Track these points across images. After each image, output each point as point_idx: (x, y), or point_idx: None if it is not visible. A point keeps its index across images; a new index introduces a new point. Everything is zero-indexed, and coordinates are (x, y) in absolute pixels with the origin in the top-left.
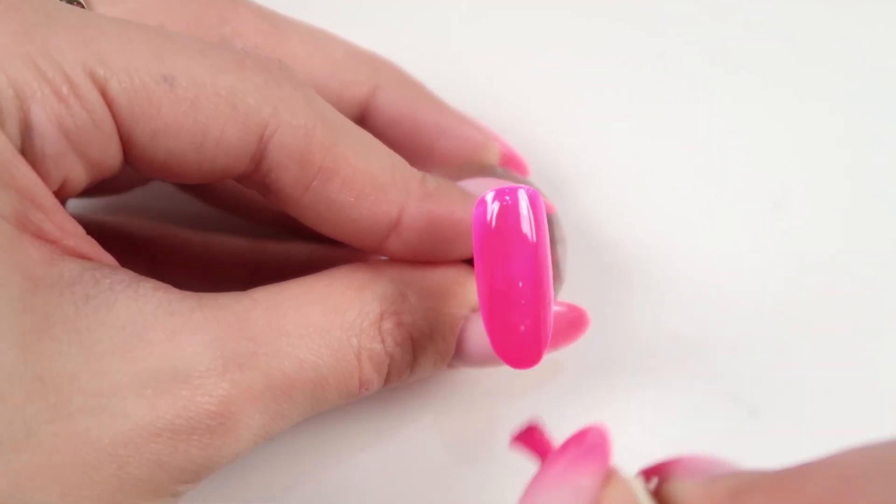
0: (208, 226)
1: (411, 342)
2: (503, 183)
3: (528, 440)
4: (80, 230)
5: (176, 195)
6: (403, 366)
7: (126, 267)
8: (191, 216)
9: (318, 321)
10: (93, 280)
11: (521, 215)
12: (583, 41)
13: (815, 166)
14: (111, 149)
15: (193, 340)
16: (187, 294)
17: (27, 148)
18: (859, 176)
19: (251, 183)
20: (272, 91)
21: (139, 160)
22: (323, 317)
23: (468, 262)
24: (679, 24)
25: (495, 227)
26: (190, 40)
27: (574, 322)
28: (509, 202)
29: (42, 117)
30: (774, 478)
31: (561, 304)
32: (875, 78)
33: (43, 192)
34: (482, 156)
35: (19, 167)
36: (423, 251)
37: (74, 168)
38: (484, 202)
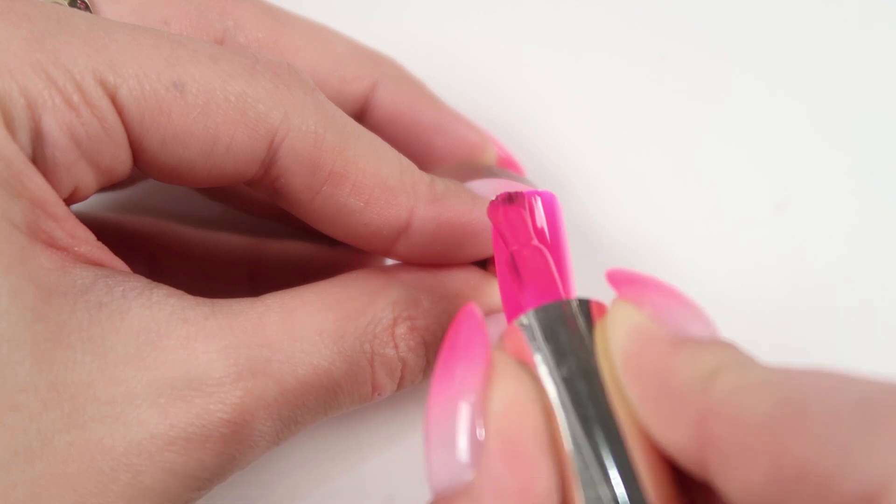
0: (208, 223)
1: (424, 347)
2: (511, 185)
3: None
4: (91, 236)
5: (177, 192)
6: (416, 370)
7: (126, 266)
8: (191, 213)
9: (332, 327)
10: (106, 287)
11: (538, 220)
12: (583, 42)
13: (817, 169)
14: (121, 156)
15: (208, 348)
16: (200, 300)
17: (38, 157)
18: (861, 179)
19: (261, 187)
20: (282, 96)
21: (149, 166)
22: (336, 323)
23: (480, 265)
24: (680, 26)
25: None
26: (200, 45)
27: None
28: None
29: (53, 126)
30: (730, 382)
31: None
32: (877, 81)
33: (54, 201)
34: (479, 156)
35: (31, 176)
36: (433, 254)
37: (85, 176)
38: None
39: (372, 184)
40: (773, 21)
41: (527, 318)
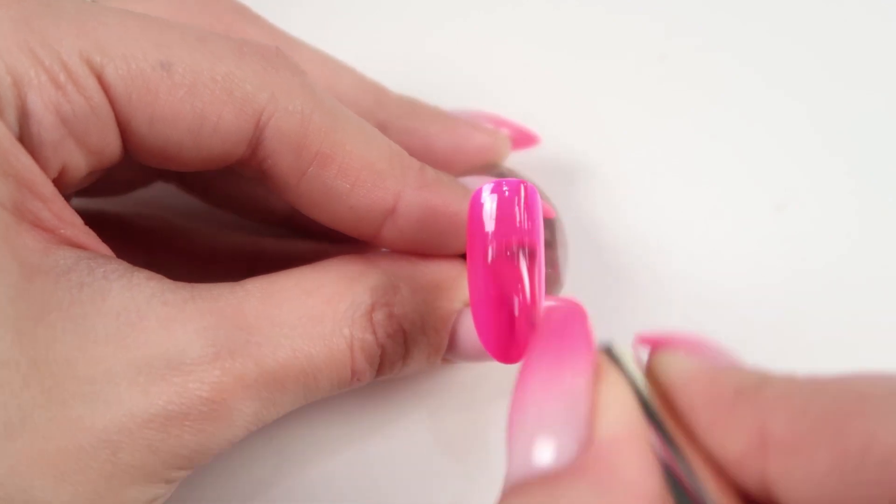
0: (208, 220)
1: (403, 334)
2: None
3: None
4: (78, 220)
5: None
6: (396, 357)
7: (124, 259)
8: (190, 210)
9: (311, 311)
10: (87, 269)
11: (517, 208)
12: (583, 42)
13: (817, 169)
14: (109, 136)
15: (186, 329)
16: (181, 284)
17: (25, 136)
18: (861, 179)
19: (248, 169)
20: (269, 77)
21: (138, 147)
22: (315, 307)
23: (463, 257)
24: (680, 26)
25: (491, 218)
26: (188, 28)
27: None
28: (507, 194)
29: (39, 104)
30: (782, 385)
31: (557, 299)
32: (877, 81)
33: (41, 181)
34: (496, 157)
35: (17, 155)
36: (419, 241)
37: (73, 156)
38: (481, 193)
39: (359, 166)
40: (774, 21)
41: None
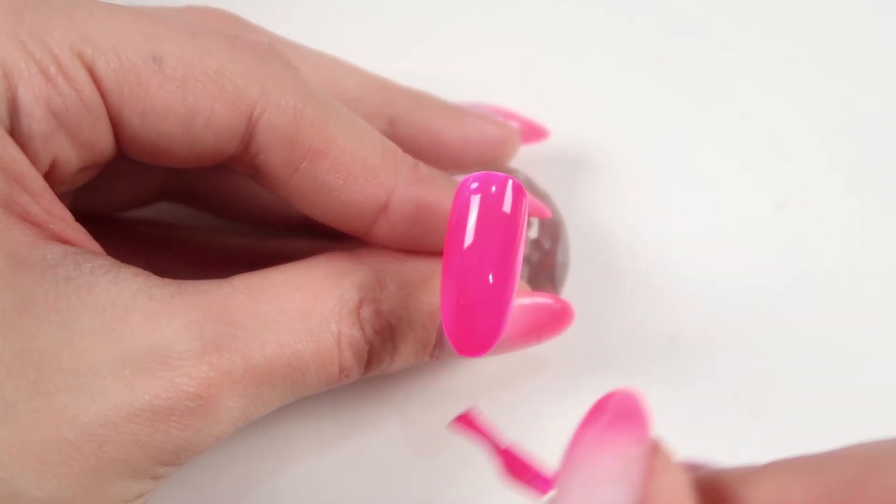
0: (208, 221)
1: (391, 330)
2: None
3: (466, 424)
4: (69, 215)
5: None
6: (383, 354)
7: (121, 261)
8: (191, 211)
9: (298, 307)
10: (74, 263)
11: (502, 202)
12: (583, 42)
13: (817, 169)
14: (101, 129)
15: (172, 324)
16: (168, 280)
17: (15, 129)
18: (861, 179)
19: (241, 165)
20: (261, 71)
21: (130, 142)
22: (303, 303)
23: None
24: (680, 26)
25: (473, 209)
26: (180, 23)
27: (558, 314)
28: (493, 190)
29: (30, 97)
30: (789, 465)
31: (546, 296)
32: (877, 81)
33: (31, 174)
34: (508, 151)
35: (6, 148)
36: (411, 238)
37: (64, 150)
38: (466, 185)
39: (351, 161)
40: (774, 21)
41: None
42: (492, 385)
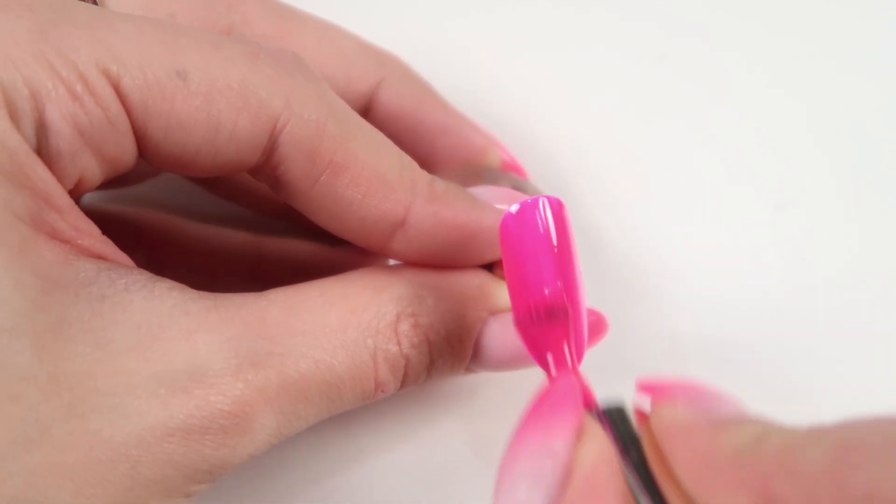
0: (211, 219)
1: (428, 344)
2: (515, 195)
3: None
4: (96, 229)
5: (180, 186)
6: (420, 368)
7: (129, 258)
8: (193, 208)
9: (334, 322)
10: (108, 280)
11: (548, 228)
12: (583, 42)
13: (817, 169)
14: (126, 145)
15: (209, 340)
16: (203, 294)
17: (42, 147)
18: (861, 179)
19: (261, 176)
20: (284, 83)
21: (153, 155)
22: (339, 318)
23: (485, 267)
24: (680, 26)
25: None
26: (203, 33)
27: (594, 326)
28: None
29: (57, 116)
30: (781, 440)
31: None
32: (877, 81)
33: (58, 192)
34: (483, 159)
35: (34, 167)
36: (429, 254)
37: (90, 166)
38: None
39: (370, 176)
40: (774, 20)
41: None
42: (491, 385)
